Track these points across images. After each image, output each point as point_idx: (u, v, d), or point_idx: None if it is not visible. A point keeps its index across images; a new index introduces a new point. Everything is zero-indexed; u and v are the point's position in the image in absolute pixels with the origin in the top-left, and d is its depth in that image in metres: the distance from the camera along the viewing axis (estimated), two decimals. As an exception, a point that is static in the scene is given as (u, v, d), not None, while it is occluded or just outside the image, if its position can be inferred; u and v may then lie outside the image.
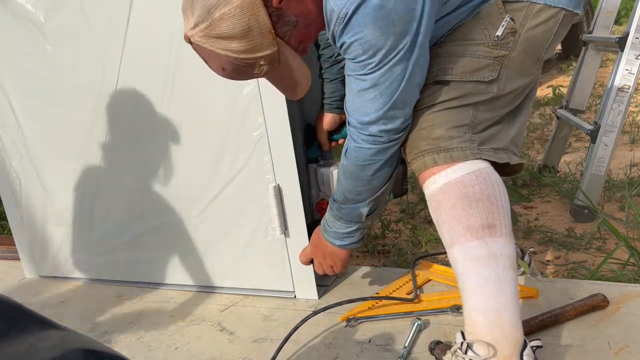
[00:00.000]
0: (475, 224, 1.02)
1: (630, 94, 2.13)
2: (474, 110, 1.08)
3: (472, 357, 1.02)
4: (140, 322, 1.61)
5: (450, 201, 1.04)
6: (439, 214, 1.07)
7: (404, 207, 2.66)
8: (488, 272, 1.01)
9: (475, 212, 1.02)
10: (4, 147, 1.91)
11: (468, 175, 1.04)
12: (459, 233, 1.03)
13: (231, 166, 1.56)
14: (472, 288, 1.04)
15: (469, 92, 1.07)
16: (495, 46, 1.05)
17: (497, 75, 1.06)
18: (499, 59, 1.06)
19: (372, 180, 1.15)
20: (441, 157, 1.06)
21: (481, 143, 1.08)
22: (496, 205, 1.03)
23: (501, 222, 1.03)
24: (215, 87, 1.50)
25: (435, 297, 1.49)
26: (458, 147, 1.06)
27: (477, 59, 1.06)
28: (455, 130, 1.07)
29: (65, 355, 0.59)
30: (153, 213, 1.72)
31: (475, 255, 1.02)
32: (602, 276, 1.69)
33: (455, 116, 1.08)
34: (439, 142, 1.07)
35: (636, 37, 2.10)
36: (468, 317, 1.05)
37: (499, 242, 1.02)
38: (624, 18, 7.39)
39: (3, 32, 1.74)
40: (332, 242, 1.31)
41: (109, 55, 1.61)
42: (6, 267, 2.19)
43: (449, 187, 1.04)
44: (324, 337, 1.38)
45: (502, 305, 1.02)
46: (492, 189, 1.04)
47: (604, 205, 2.36)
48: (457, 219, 1.03)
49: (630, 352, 1.16)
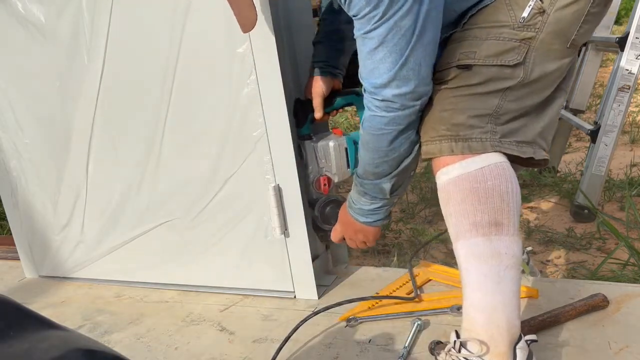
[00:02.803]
0: (482, 221, 1.00)
1: (630, 94, 2.13)
2: (500, 99, 1.04)
3: (466, 356, 1.02)
4: (140, 322, 1.61)
5: (460, 195, 1.02)
6: (448, 206, 1.05)
7: (404, 207, 2.66)
8: (489, 270, 1.00)
9: (483, 209, 1.00)
10: (3, 147, 1.90)
11: (482, 170, 1.01)
12: (465, 228, 1.02)
13: (231, 166, 1.56)
14: (471, 284, 1.03)
15: (493, 77, 1.03)
16: (522, 28, 1.00)
17: (523, 58, 1.01)
18: (525, 41, 1.01)
19: (389, 152, 1.10)
20: (459, 146, 1.03)
21: (504, 135, 1.04)
22: (507, 203, 1.01)
23: (509, 220, 1.01)
24: (215, 87, 1.51)
25: (435, 297, 1.49)
26: (477, 137, 1.03)
27: (501, 42, 1.02)
28: (477, 119, 1.03)
29: (65, 355, 0.59)
30: (153, 213, 1.72)
31: (478, 252, 1.01)
32: (602, 276, 1.69)
33: (479, 104, 1.04)
34: (459, 129, 1.03)
35: (636, 37, 2.10)
36: (466, 314, 1.05)
37: (504, 240, 1.01)
38: (624, 18, 7.39)
39: (3, 32, 1.74)
40: (357, 219, 1.28)
41: (109, 56, 1.60)
42: (6, 267, 2.19)
43: (461, 180, 1.02)
44: (324, 337, 1.38)
45: (500, 304, 1.01)
46: (504, 186, 1.01)
47: (604, 205, 2.36)
48: (464, 213, 1.02)
49: (630, 352, 1.16)
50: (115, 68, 1.61)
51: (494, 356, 1.01)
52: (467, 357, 1.02)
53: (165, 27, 1.50)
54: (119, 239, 1.81)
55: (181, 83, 1.55)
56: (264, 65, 1.43)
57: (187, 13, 1.47)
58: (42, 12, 1.65)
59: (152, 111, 1.60)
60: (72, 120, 1.74)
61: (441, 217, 2.47)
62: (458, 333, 1.06)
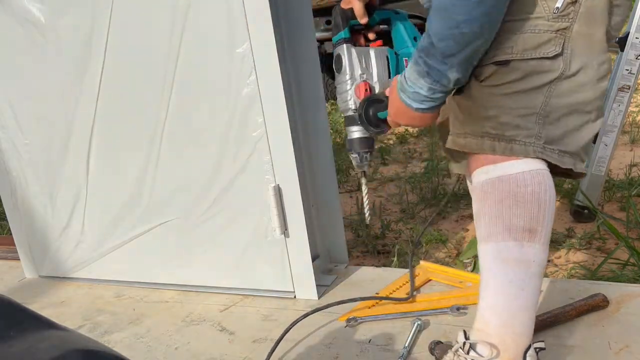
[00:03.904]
0: (516, 225, 1.00)
1: (630, 94, 2.13)
2: (545, 96, 1.02)
3: (475, 358, 1.01)
4: (140, 322, 1.61)
5: (497, 196, 1.01)
6: (483, 205, 1.04)
7: (404, 207, 2.66)
8: (514, 275, 1.00)
9: (520, 213, 1.00)
10: (3, 147, 1.90)
11: (523, 174, 1.01)
12: (498, 230, 1.01)
13: (231, 166, 1.56)
14: (494, 287, 1.03)
15: (533, 71, 1.01)
16: (557, 18, 0.99)
17: (561, 49, 1.00)
18: (561, 31, 1.00)
19: (460, 25, 0.99)
20: (501, 146, 1.02)
21: (548, 142, 1.03)
22: (543, 211, 1.01)
23: (543, 228, 1.01)
24: (215, 87, 1.51)
25: (435, 297, 1.49)
26: (522, 140, 1.01)
27: (537, 34, 1.00)
28: (524, 119, 1.02)
29: (65, 355, 0.59)
30: (153, 213, 1.72)
31: (507, 257, 1.01)
32: (602, 276, 1.69)
33: (524, 102, 1.02)
34: (504, 129, 1.02)
35: (636, 37, 2.10)
36: (481, 315, 1.05)
37: (535, 248, 1.00)
38: (624, 18, 7.37)
39: (3, 33, 1.74)
40: (410, 105, 1.14)
41: (109, 56, 1.61)
42: (6, 267, 2.19)
43: (501, 182, 1.02)
44: (324, 337, 1.38)
45: (519, 310, 1.01)
46: (543, 194, 1.01)
47: (604, 205, 2.36)
48: (499, 215, 1.01)
49: (631, 352, 1.16)
50: (115, 68, 1.61)
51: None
52: (476, 359, 1.01)
53: (166, 27, 1.50)
54: (119, 239, 1.81)
55: (181, 83, 1.55)
56: (264, 65, 1.43)
57: (187, 13, 1.47)
58: (42, 12, 1.65)
59: (152, 111, 1.60)
60: (72, 120, 1.74)
61: (441, 217, 2.47)
62: (467, 333, 1.06)
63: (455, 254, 2.11)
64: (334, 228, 1.76)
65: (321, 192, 1.71)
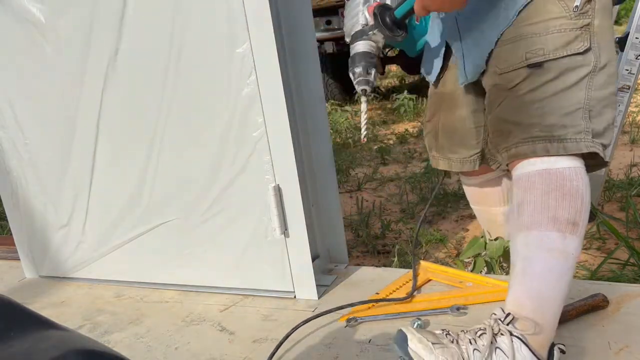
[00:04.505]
0: (562, 217, 1.03)
1: (630, 94, 2.13)
2: (585, 90, 1.06)
3: (511, 329, 1.03)
4: (140, 322, 1.61)
5: (545, 187, 1.05)
6: (528, 194, 1.07)
7: (404, 207, 2.66)
8: (555, 265, 1.04)
9: (566, 206, 1.03)
10: (3, 147, 1.90)
11: (569, 170, 1.05)
12: (544, 220, 1.04)
13: (231, 166, 1.56)
14: (533, 274, 1.05)
15: (567, 68, 1.05)
16: (578, 16, 1.04)
17: (589, 44, 1.04)
18: (585, 27, 1.05)
19: None
20: (554, 147, 1.06)
21: (595, 135, 1.06)
22: (584, 206, 1.05)
23: (583, 223, 1.05)
24: (215, 87, 1.51)
25: (435, 297, 1.49)
26: (572, 138, 1.05)
27: (564, 33, 1.05)
28: (569, 117, 1.06)
29: (65, 355, 0.59)
30: (153, 213, 1.72)
31: (551, 246, 1.04)
32: (602, 276, 1.69)
33: (566, 100, 1.06)
34: (553, 130, 1.06)
35: (636, 37, 2.10)
36: (515, 299, 1.07)
37: (575, 241, 1.04)
38: (624, 18, 7.39)
39: (3, 32, 1.74)
40: None
41: (109, 56, 1.61)
42: (6, 267, 2.19)
43: (549, 174, 1.05)
44: (324, 337, 1.38)
45: (553, 299, 1.04)
46: (584, 189, 1.05)
47: (604, 205, 2.36)
48: (546, 206, 1.04)
49: (631, 352, 1.16)
50: (115, 69, 1.61)
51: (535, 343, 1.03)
52: (512, 330, 1.03)
53: (166, 27, 1.50)
54: (120, 239, 1.81)
55: (181, 83, 1.55)
56: (264, 65, 1.43)
57: (187, 13, 1.47)
58: (42, 12, 1.65)
59: (152, 111, 1.60)
60: (74, 120, 1.74)
61: (441, 217, 2.46)
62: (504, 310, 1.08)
63: (455, 254, 2.11)
64: (334, 228, 1.76)
65: (321, 192, 1.71)
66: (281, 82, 1.43)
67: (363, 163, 3.75)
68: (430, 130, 1.48)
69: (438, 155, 1.47)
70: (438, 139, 1.45)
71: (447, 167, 1.46)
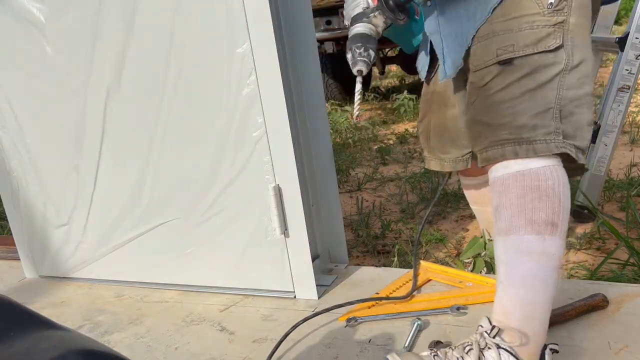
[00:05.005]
0: (539, 219, 1.01)
1: (630, 94, 2.13)
2: (557, 90, 1.03)
3: (499, 342, 1.01)
4: (140, 322, 1.61)
5: (520, 190, 1.02)
6: (503, 198, 1.04)
7: (404, 207, 2.66)
8: (537, 268, 1.01)
9: (542, 207, 1.01)
10: (4, 147, 1.90)
11: (544, 169, 1.02)
12: (520, 224, 1.02)
13: (231, 166, 1.56)
14: (516, 280, 1.03)
15: (538, 65, 1.03)
16: (552, 13, 1.02)
17: (561, 41, 1.02)
18: (559, 25, 1.02)
19: None
20: (523, 149, 1.03)
21: (566, 137, 1.04)
22: (563, 205, 1.02)
23: (563, 223, 1.02)
24: (215, 87, 1.51)
25: (435, 297, 1.49)
26: (542, 139, 1.03)
27: (536, 30, 1.02)
28: (540, 117, 1.03)
29: (65, 355, 0.59)
30: (153, 213, 1.72)
31: (530, 250, 1.01)
32: (602, 276, 1.69)
33: (537, 100, 1.03)
34: (522, 131, 1.03)
35: (636, 37, 2.10)
36: (501, 307, 1.05)
37: (556, 242, 1.01)
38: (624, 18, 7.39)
39: (3, 32, 1.74)
40: None
41: (110, 56, 1.61)
42: (6, 267, 2.19)
43: (523, 176, 1.03)
44: (324, 337, 1.38)
45: (540, 303, 1.02)
46: (562, 188, 1.02)
47: (604, 205, 2.36)
48: (522, 209, 1.02)
49: (631, 352, 1.16)
50: (115, 69, 1.61)
51: (524, 354, 1.01)
52: (500, 343, 1.01)
53: (166, 27, 1.50)
54: (120, 239, 1.81)
55: (181, 83, 1.55)
56: (264, 65, 1.43)
57: (187, 13, 1.47)
58: (42, 12, 1.65)
59: (152, 111, 1.60)
60: (75, 120, 1.74)
61: (441, 217, 2.46)
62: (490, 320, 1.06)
63: (455, 254, 2.11)
64: (334, 228, 1.76)
65: (321, 192, 1.71)
66: (281, 82, 1.43)
67: (363, 163, 3.75)
68: (423, 131, 1.47)
69: (430, 156, 1.46)
70: (430, 140, 1.44)
71: (439, 167, 1.43)
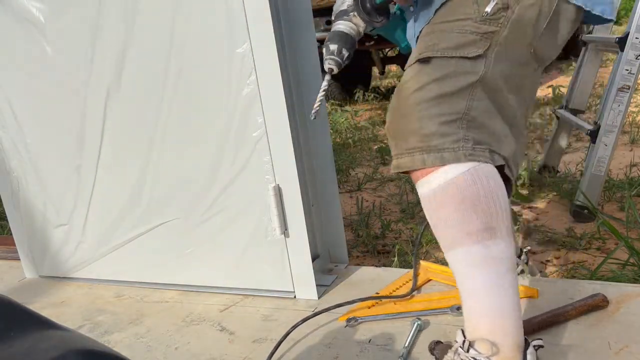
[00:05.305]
0: (474, 228, 0.97)
1: (630, 94, 2.13)
2: (468, 100, 1.00)
3: (475, 356, 1.01)
4: (140, 322, 1.61)
5: (447, 204, 0.99)
6: (435, 216, 1.02)
7: (404, 207, 2.66)
8: (489, 276, 0.99)
9: (474, 216, 0.97)
10: (4, 147, 1.90)
11: (464, 175, 0.98)
12: (459, 236, 0.99)
13: (231, 166, 1.56)
14: (473, 291, 1.01)
15: (454, 70, 0.99)
16: (484, 21, 0.98)
17: (483, 52, 0.98)
18: (487, 35, 0.98)
19: None
20: (431, 157, 0.99)
21: (477, 142, 1.00)
22: (496, 207, 0.98)
23: (501, 224, 0.98)
24: (215, 87, 1.51)
25: (435, 297, 1.49)
26: (450, 147, 0.98)
27: (462, 34, 0.99)
28: (448, 125, 0.99)
29: (65, 355, 0.59)
30: (153, 213, 1.72)
31: (476, 259, 0.99)
32: (602, 276, 1.69)
33: (447, 107, 1.00)
34: (430, 140, 1.00)
35: (636, 37, 2.10)
36: (468, 319, 1.04)
37: (499, 245, 0.98)
38: (624, 18, 7.40)
39: (3, 32, 1.74)
40: None
41: (110, 56, 1.61)
42: (6, 267, 2.19)
43: (445, 189, 0.99)
44: (324, 337, 1.38)
45: (503, 309, 1.00)
46: (490, 189, 0.97)
47: (604, 205, 2.36)
48: (455, 222, 0.98)
49: (631, 352, 1.16)
50: (115, 69, 1.61)
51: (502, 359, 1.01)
52: (476, 357, 1.01)
53: (166, 27, 1.50)
54: (120, 239, 1.81)
55: (181, 83, 1.55)
56: (264, 65, 1.43)
57: (187, 13, 1.47)
58: (42, 12, 1.65)
59: (152, 111, 1.60)
60: (75, 120, 1.74)
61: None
62: (464, 333, 1.05)
63: (455, 254, 2.10)
64: (334, 228, 1.76)
65: (321, 192, 1.71)
66: (281, 82, 1.43)
67: (363, 163, 3.74)
68: None
69: None
70: None
71: None
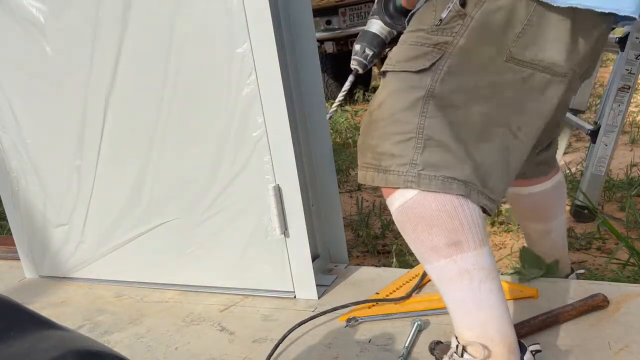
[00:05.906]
0: (439, 244, 0.96)
1: (630, 94, 2.13)
2: (419, 117, 0.94)
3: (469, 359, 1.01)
4: (140, 322, 1.61)
5: (409, 224, 0.98)
6: (404, 235, 1.01)
7: (404, 207, 2.66)
8: (461, 292, 0.97)
9: (436, 232, 0.95)
10: (4, 147, 1.90)
11: (419, 195, 0.95)
12: (427, 255, 0.99)
13: (231, 166, 1.56)
14: (452, 305, 1.01)
15: (403, 86, 0.95)
16: (435, 31, 0.92)
17: (430, 64, 0.92)
18: (439, 46, 0.92)
19: None
20: (379, 177, 0.98)
21: (426, 167, 0.94)
22: (457, 220, 0.94)
23: (467, 236, 0.95)
24: (215, 87, 1.51)
25: (435, 297, 1.49)
26: (395, 170, 0.96)
27: (414, 47, 0.95)
28: (402, 145, 0.95)
29: (65, 355, 0.59)
30: (153, 213, 1.72)
31: (447, 275, 0.98)
32: (602, 276, 1.69)
33: (400, 126, 0.95)
34: (381, 159, 0.97)
35: (636, 37, 2.10)
36: (456, 329, 1.04)
37: (468, 257, 0.96)
38: (624, 18, 7.37)
39: (3, 32, 1.74)
40: None
41: (110, 56, 1.60)
42: (6, 267, 2.19)
43: (405, 209, 0.97)
44: (324, 337, 1.38)
45: (485, 320, 0.99)
46: (449, 204, 0.94)
47: (604, 205, 2.36)
48: (420, 241, 0.98)
49: (631, 352, 1.16)
50: (115, 69, 1.61)
51: None
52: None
53: (166, 27, 1.50)
54: (120, 239, 1.81)
55: (181, 83, 1.55)
56: (264, 65, 1.43)
57: (187, 13, 1.47)
58: (42, 12, 1.65)
59: (152, 111, 1.60)
60: (75, 120, 1.74)
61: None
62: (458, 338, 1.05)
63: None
64: (334, 228, 1.76)
65: (321, 192, 1.71)
66: (281, 82, 1.43)
67: (363, 163, 3.74)
68: None
69: None
70: None
71: None
